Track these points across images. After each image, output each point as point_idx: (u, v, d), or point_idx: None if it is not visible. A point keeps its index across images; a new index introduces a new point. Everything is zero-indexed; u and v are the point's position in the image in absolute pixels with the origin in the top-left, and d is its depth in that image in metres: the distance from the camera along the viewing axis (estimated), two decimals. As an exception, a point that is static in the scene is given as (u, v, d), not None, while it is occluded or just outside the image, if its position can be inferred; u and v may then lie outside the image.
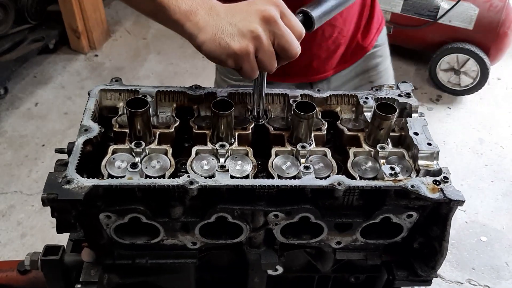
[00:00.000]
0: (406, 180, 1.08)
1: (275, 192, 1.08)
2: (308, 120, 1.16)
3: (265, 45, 1.07)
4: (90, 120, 1.18)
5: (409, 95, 1.32)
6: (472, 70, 4.40)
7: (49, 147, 3.88)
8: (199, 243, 1.19)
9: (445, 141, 4.17)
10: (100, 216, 1.08)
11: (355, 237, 1.19)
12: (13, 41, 4.29)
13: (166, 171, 1.11)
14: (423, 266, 1.22)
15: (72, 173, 1.03)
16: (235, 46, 1.06)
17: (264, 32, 1.06)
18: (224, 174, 1.06)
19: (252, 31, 1.05)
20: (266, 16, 1.06)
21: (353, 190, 1.10)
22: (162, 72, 4.80)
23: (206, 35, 1.09)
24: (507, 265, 3.27)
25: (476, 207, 3.63)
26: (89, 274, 1.21)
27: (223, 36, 1.07)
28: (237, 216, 1.11)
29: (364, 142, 1.22)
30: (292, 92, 1.30)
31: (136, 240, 1.17)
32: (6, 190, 3.54)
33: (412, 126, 1.21)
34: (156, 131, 1.20)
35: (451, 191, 1.06)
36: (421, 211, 1.13)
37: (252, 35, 1.05)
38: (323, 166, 1.16)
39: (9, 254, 3.11)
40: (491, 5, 4.15)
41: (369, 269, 1.35)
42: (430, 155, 1.15)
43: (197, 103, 1.29)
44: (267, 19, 1.06)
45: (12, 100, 4.33)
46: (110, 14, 5.45)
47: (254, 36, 1.05)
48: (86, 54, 4.90)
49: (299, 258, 1.34)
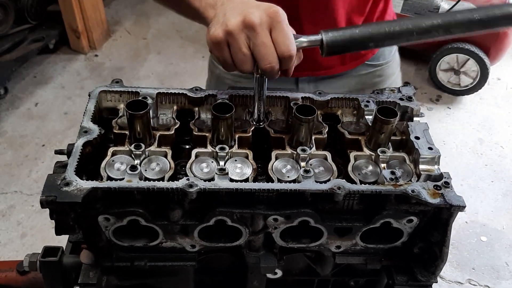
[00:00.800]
0: (407, 184, 1.07)
1: (274, 196, 1.08)
2: (308, 124, 1.16)
3: (236, 44, 1.09)
4: (90, 121, 1.17)
5: (410, 98, 1.31)
6: (472, 70, 4.39)
7: (49, 147, 3.88)
8: (198, 246, 1.18)
9: (445, 141, 4.17)
10: (99, 218, 1.08)
11: (355, 242, 1.19)
12: (13, 41, 4.29)
13: (166, 174, 1.11)
14: (423, 271, 1.21)
15: (71, 175, 1.03)
16: (210, 32, 1.12)
17: (240, 32, 1.08)
18: (224, 177, 1.06)
19: (227, 25, 1.08)
20: (247, 20, 1.07)
21: (353, 195, 1.09)
22: (162, 72, 4.80)
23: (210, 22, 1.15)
24: (507, 265, 3.27)
25: (476, 207, 3.63)
26: (88, 276, 1.20)
27: (213, 23, 1.13)
28: (236, 219, 1.11)
29: (365, 145, 1.22)
30: (293, 95, 1.30)
31: (135, 242, 1.17)
32: (6, 190, 3.54)
33: (413, 130, 1.21)
34: (156, 133, 1.20)
35: (452, 197, 1.06)
36: (421, 216, 1.12)
37: (226, 29, 1.08)
38: (324, 170, 1.16)
39: (9, 254, 3.12)
40: (491, 5, 4.15)
41: (369, 273, 1.35)
42: (431, 160, 1.14)
43: (198, 105, 1.29)
44: (247, 23, 1.07)
45: (12, 100, 4.33)
46: (110, 14, 5.45)
47: (227, 30, 1.08)
48: (86, 54, 4.90)
49: (298, 262, 1.34)
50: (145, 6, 5.75)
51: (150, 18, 5.56)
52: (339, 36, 1.15)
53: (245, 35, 1.08)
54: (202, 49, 4.96)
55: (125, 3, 5.77)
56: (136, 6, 5.73)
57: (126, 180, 1.04)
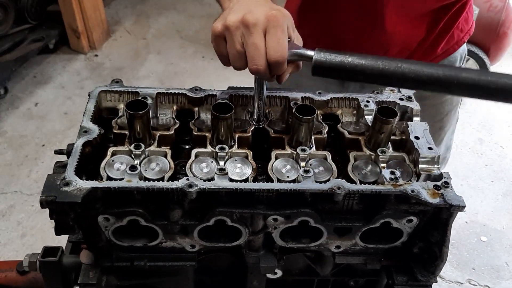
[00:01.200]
0: (407, 184, 1.07)
1: (274, 196, 1.08)
2: (308, 123, 1.16)
3: (231, 40, 1.10)
4: (89, 121, 1.17)
5: (410, 98, 1.31)
6: (472, 70, 4.39)
7: (49, 147, 3.88)
8: (198, 246, 1.18)
9: (445, 142, 4.17)
10: (98, 218, 1.08)
11: (355, 242, 1.19)
12: (13, 41, 4.28)
13: (165, 174, 1.11)
14: (422, 271, 1.21)
15: (70, 175, 1.03)
16: (214, 24, 1.13)
17: (236, 29, 1.08)
18: (223, 177, 1.06)
19: (226, 20, 1.09)
20: (244, 19, 1.08)
21: (353, 195, 1.09)
22: (162, 72, 4.79)
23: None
24: (507, 265, 3.27)
25: (476, 207, 3.63)
26: (88, 276, 1.20)
27: (220, 16, 1.14)
28: (236, 219, 1.11)
29: (364, 145, 1.22)
30: (293, 95, 1.30)
31: (135, 242, 1.17)
32: (6, 190, 3.54)
33: (413, 130, 1.21)
34: (156, 133, 1.20)
35: (452, 196, 1.06)
36: (421, 216, 1.12)
37: (224, 23, 1.10)
38: (323, 170, 1.16)
39: (9, 254, 3.11)
40: (491, 5, 4.15)
41: (368, 273, 1.35)
42: (431, 160, 1.14)
43: (198, 105, 1.29)
44: (243, 22, 1.08)
45: (12, 100, 4.32)
46: (110, 14, 5.45)
47: (225, 25, 1.09)
48: (86, 54, 4.90)
49: (298, 262, 1.34)
50: (145, 6, 5.75)
51: (150, 18, 5.56)
52: (329, 59, 1.08)
53: (240, 33, 1.08)
54: (202, 49, 4.96)
55: (125, 3, 5.76)
56: (136, 6, 5.73)
57: (126, 180, 1.04)
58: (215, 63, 4.71)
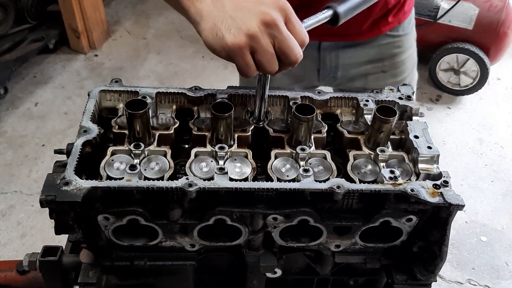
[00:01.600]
0: (406, 183, 1.07)
1: (274, 195, 1.08)
2: (308, 123, 1.16)
3: (262, 46, 1.07)
4: (89, 121, 1.18)
5: (409, 97, 1.32)
6: (472, 70, 4.39)
7: (49, 147, 3.88)
8: (197, 245, 1.19)
9: (445, 141, 4.17)
10: (98, 217, 1.08)
11: (354, 241, 1.19)
12: (13, 41, 4.28)
13: (165, 173, 1.11)
14: (422, 270, 1.21)
15: (70, 174, 1.03)
16: (229, 39, 1.06)
17: (263, 33, 1.06)
18: (223, 176, 1.06)
19: (249, 29, 1.06)
20: (267, 19, 1.06)
21: (353, 194, 1.09)
22: (162, 72, 4.79)
23: (206, 24, 1.11)
24: (507, 265, 3.27)
25: (476, 207, 3.63)
26: (87, 275, 1.20)
27: (221, 27, 1.08)
28: (235, 218, 1.11)
29: (364, 145, 1.22)
30: (292, 94, 1.30)
31: (135, 242, 1.17)
32: (6, 190, 3.54)
33: (412, 129, 1.21)
34: (156, 133, 1.20)
35: (451, 195, 1.06)
36: (420, 215, 1.12)
37: (248, 33, 1.06)
38: (323, 169, 1.16)
39: (9, 254, 3.11)
40: (491, 5, 4.15)
41: (368, 273, 1.35)
42: (430, 159, 1.14)
43: (197, 105, 1.29)
44: (267, 22, 1.06)
45: (12, 100, 4.32)
46: (110, 14, 5.45)
47: (250, 35, 1.06)
48: (86, 54, 4.90)
49: (298, 261, 1.34)
50: (145, 6, 5.74)
51: (150, 18, 5.55)
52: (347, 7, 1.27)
53: (267, 35, 1.07)
54: (202, 49, 4.93)
55: (125, 3, 5.76)
56: (136, 6, 5.73)
57: (126, 179, 1.04)
58: (215, 63, 4.72)
